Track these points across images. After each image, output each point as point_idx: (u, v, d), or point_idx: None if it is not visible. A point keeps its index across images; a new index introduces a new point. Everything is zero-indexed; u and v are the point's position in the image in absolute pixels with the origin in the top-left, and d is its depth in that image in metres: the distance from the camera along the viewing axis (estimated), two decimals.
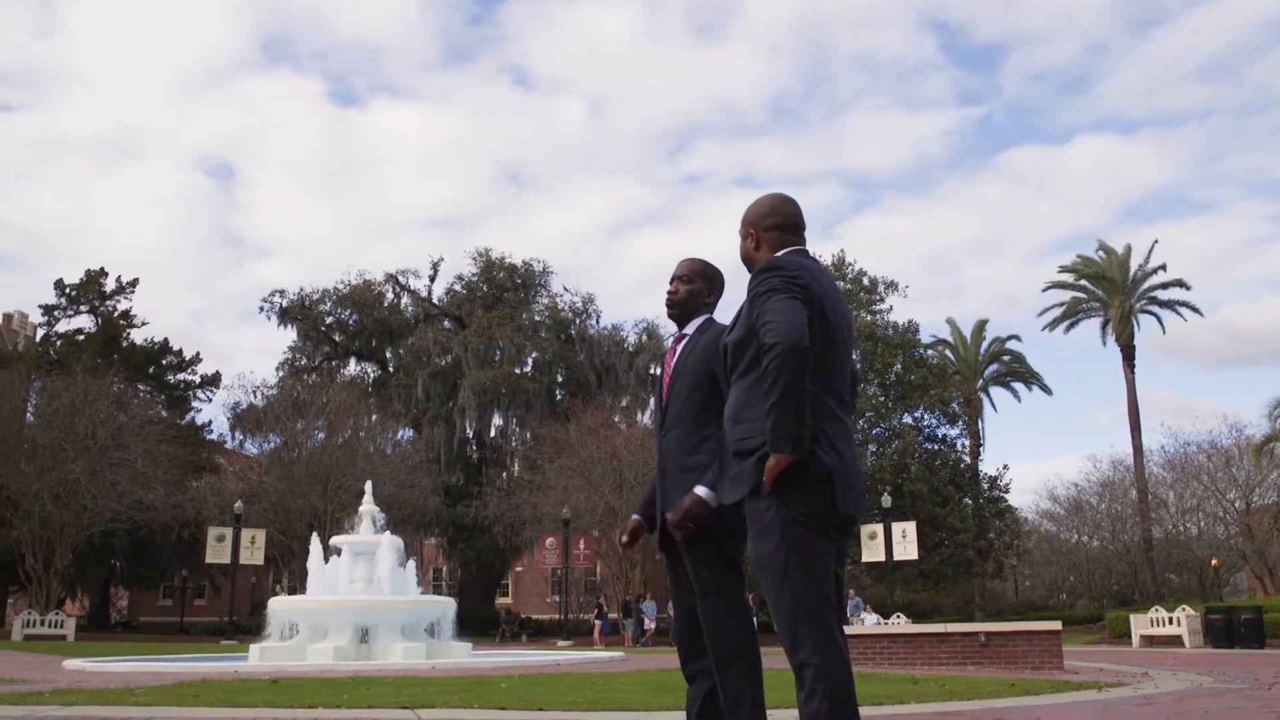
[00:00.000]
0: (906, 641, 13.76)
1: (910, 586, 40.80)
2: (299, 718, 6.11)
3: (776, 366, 2.99)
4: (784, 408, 2.99)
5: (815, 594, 3.05)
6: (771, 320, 3.08)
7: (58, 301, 43.86)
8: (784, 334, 3.02)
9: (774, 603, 3.08)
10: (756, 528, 3.16)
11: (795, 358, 2.99)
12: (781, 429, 3.00)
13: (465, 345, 45.69)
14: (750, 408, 3.23)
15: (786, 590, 3.05)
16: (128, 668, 13.93)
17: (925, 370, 41.87)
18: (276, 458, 41.06)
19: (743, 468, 3.20)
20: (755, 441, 3.16)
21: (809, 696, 2.97)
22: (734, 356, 3.37)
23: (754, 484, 3.14)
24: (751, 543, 3.20)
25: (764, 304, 3.15)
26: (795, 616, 3.03)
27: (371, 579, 17.51)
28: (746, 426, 3.22)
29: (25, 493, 34.01)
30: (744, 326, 3.31)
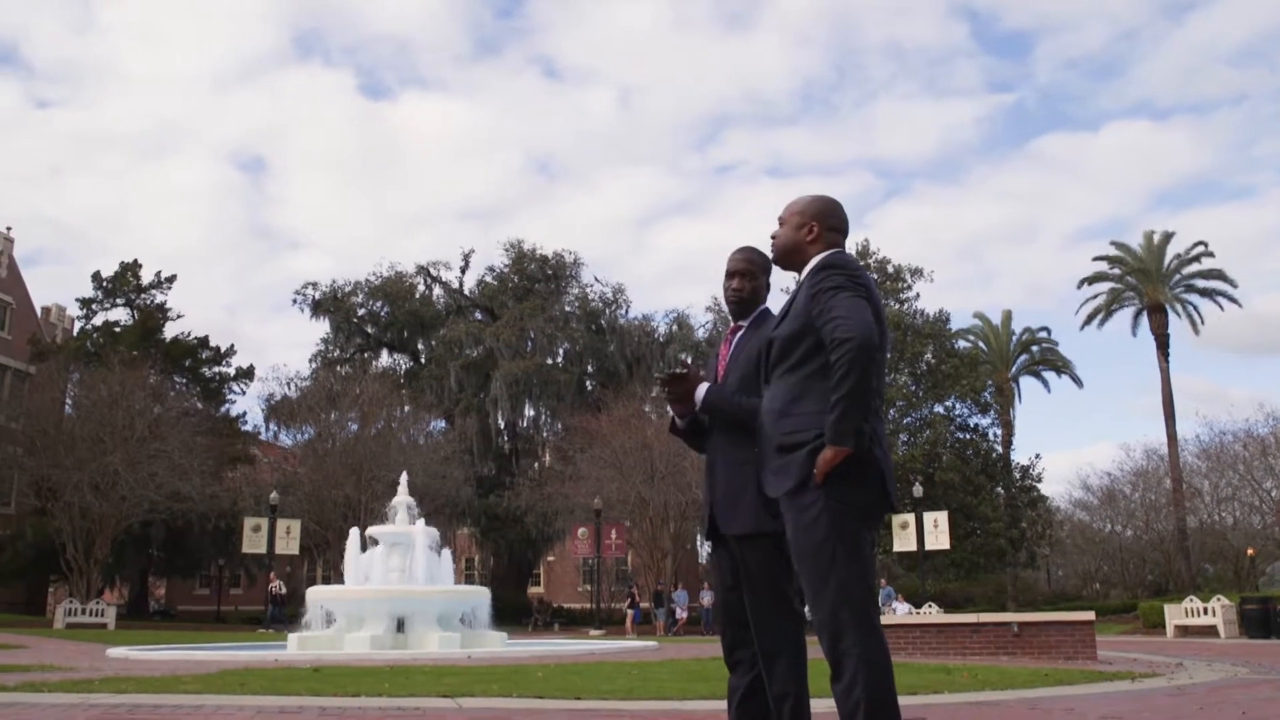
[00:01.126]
0: (939, 631, 13.77)
1: (942, 576, 40.66)
2: (344, 706, 6.24)
3: (848, 362, 3.05)
4: (851, 402, 3.05)
5: (860, 586, 3.13)
6: (841, 316, 3.13)
7: (94, 294, 44.39)
8: (855, 330, 3.08)
9: (816, 593, 3.14)
10: (804, 520, 3.18)
11: (866, 354, 3.07)
12: (847, 423, 3.06)
13: (497, 336, 45.92)
14: (802, 402, 3.26)
15: (832, 582, 3.10)
16: (170, 656, 14.17)
17: (956, 359, 41.62)
18: (310, 449, 41.47)
19: (790, 460, 3.23)
20: (806, 436, 3.20)
21: (849, 686, 3.03)
22: (782, 350, 3.38)
23: (802, 477, 3.18)
24: (795, 534, 3.23)
25: (829, 300, 3.19)
26: (839, 607, 3.08)
27: (407, 569, 17.70)
28: (796, 420, 3.25)
29: (65, 484, 34.56)
30: (797, 321, 3.33)
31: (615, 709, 6.30)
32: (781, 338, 3.40)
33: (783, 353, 3.38)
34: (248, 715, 5.69)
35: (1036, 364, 48.93)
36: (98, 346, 41.49)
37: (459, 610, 17.60)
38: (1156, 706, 6.61)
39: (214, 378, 45.61)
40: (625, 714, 6.00)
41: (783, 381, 3.37)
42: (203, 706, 6.11)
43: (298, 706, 6.17)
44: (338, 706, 6.20)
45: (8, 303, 45.30)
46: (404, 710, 6.07)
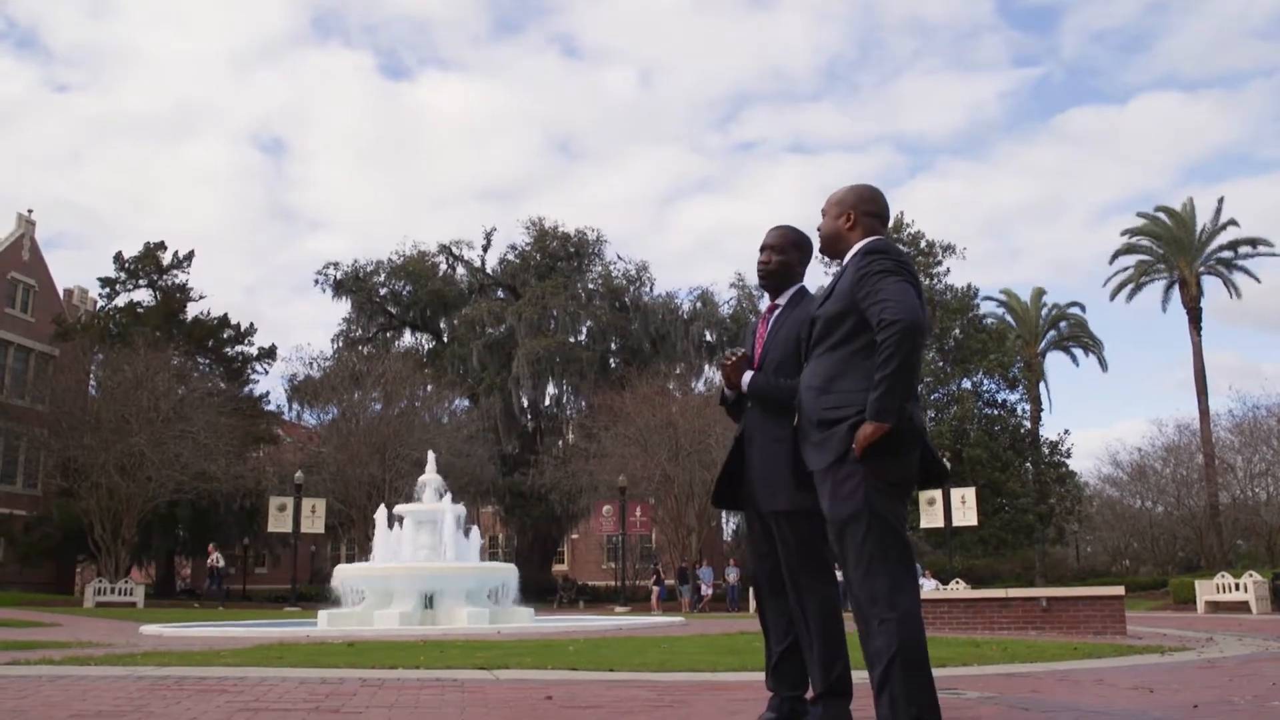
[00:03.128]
0: (968, 606, 13.80)
1: (969, 552, 40.62)
2: (384, 677, 6.33)
3: (896, 341, 3.16)
4: (897, 380, 3.16)
5: (893, 554, 3.24)
6: (890, 299, 3.23)
7: (117, 275, 44.64)
8: (904, 313, 3.19)
9: (852, 562, 3.25)
10: (841, 492, 3.29)
11: (914, 335, 3.18)
12: (891, 400, 3.17)
13: (519, 315, 46.00)
14: (843, 379, 3.37)
15: (866, 552, 3.21)
16: (203, 632, 14.37)
17: (984, 335, 41.39)
18: (334, 428, 41.71)
19: (830, 434, 3.33)
20: (847, 411, 3.30)
21: (881, 650, 3.13)
22: (825, 329, 3.48)
23: (842, 451, 3.28)
24: (831, 505, 3.34)
25: (877, 283, 3.30)
26: (872, 575, 3.19)
27: (435, 546, 17.87)
28: (837, 397, 3.36)
29: (92, 464, 34.96)
30: (841, 301, 3.43)
31: (650, 680, 6.37)
32: (825, 316, 3.50)
33: (826, 331, 3.48)
34: (291, 686, 5.77)
35: (1065, 340, 48.65)
36: (121, 327, 41.82)
37: (487, 587, 17.74)
38: (1186, 679, 6.63)
39: (236, 358, 45.91)
40: (660, 685, 6.07)
41: (824, 359, 3.47)
42: (246, 678, 6.21)
43: (339, 678, 6.25)
44: (378, 678, 6.28)
45: (30, 285, 45.74)
46: (443, 681, 6.15)
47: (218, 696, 5.20)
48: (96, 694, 5.34)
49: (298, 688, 5.66)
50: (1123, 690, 5.92)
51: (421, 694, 5.43)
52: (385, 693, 5.46)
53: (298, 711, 4.65)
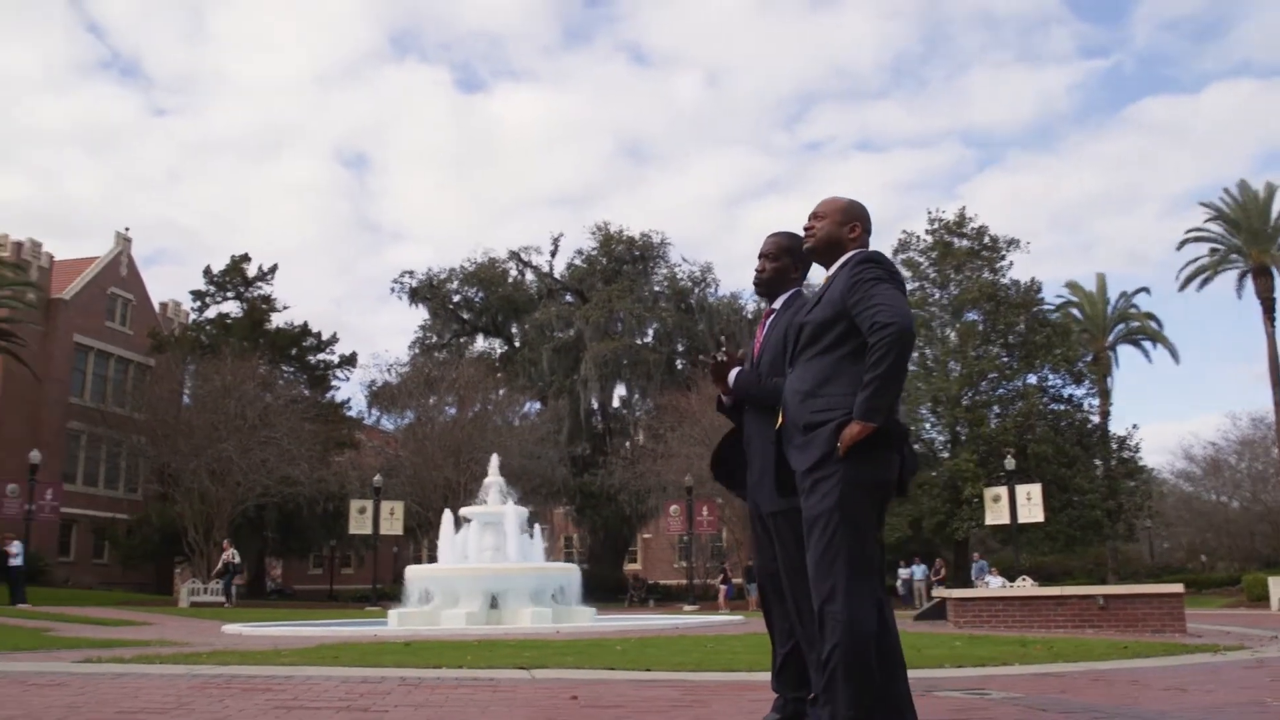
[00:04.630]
0: (1023, 604, 13.72)
1: (1037, 549, 39.93)
2: (423, 676, 6.61)
3: (887, 345, 3.26)
4: (886, 382, 3.26)
5: (859, 555, 3.30)
6: (882, 304, 3.34)
7: (206, 288, 46.15)
8: (897, 316, 3.30)
9: (815, 558, 3.34)
10: (818, 489, 3.36)
11: (906, 339, 3.29)
12: (879, 400, 3.27)
13: (586, 319, 46.43)
14: (831, 384, 3.45)
15: (831, 548, 3.29)
16: (279, 632, 14.90)
17: (1049, 329, 40.57)
18: (411, 433, 42.54)
19: (815, 435, 3.40)
20: (833, 415, 3.38)
21: (831, 648, 3.23)
22: (813, 334, 3.55)
23: (825, 452, 3.36)
24: (807, 502, 3.42)
25: (870, 289, 3.40)
26: (833, 573, 3.28)
27: (500, 547, 18.24)
28: (825, 400, 3.43)
29: (184, 470, 36.28)
30: (830, 308, 3.52)
31: (679, 679, 6.55)
32: (814, 323, 3.57)
33: (814, 337, 3.56)
34: (334, 684, 6.08)
35: (1134, 333, 47.51)
36: (211, 338, 43.21)
37: (550, 587, 18.05)
38: (1227, 679, 6.58)
39: (318, 365, 47.02)
40: (689, 684, 6.24)
41: (811, 364, 3.54)
42: (293, 676, 6.54)
43: (380, 677, 6.55)
44: (417, 677, 6.57)
45: (129, 299, 47.44)
46: (479, 680, 6.41)
47: (260, 695, 5.52)
48: (148, 691, 5.70)
49: (338, 686, 5.96)
50: (1154, 691, 5.93)
51: (453, 693, 5.68)
52: (419, 692, 5.72)
53: (328, 710, 4.93)
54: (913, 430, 40.66)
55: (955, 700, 5.35)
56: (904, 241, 43.08)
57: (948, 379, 40.09)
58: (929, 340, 41.94)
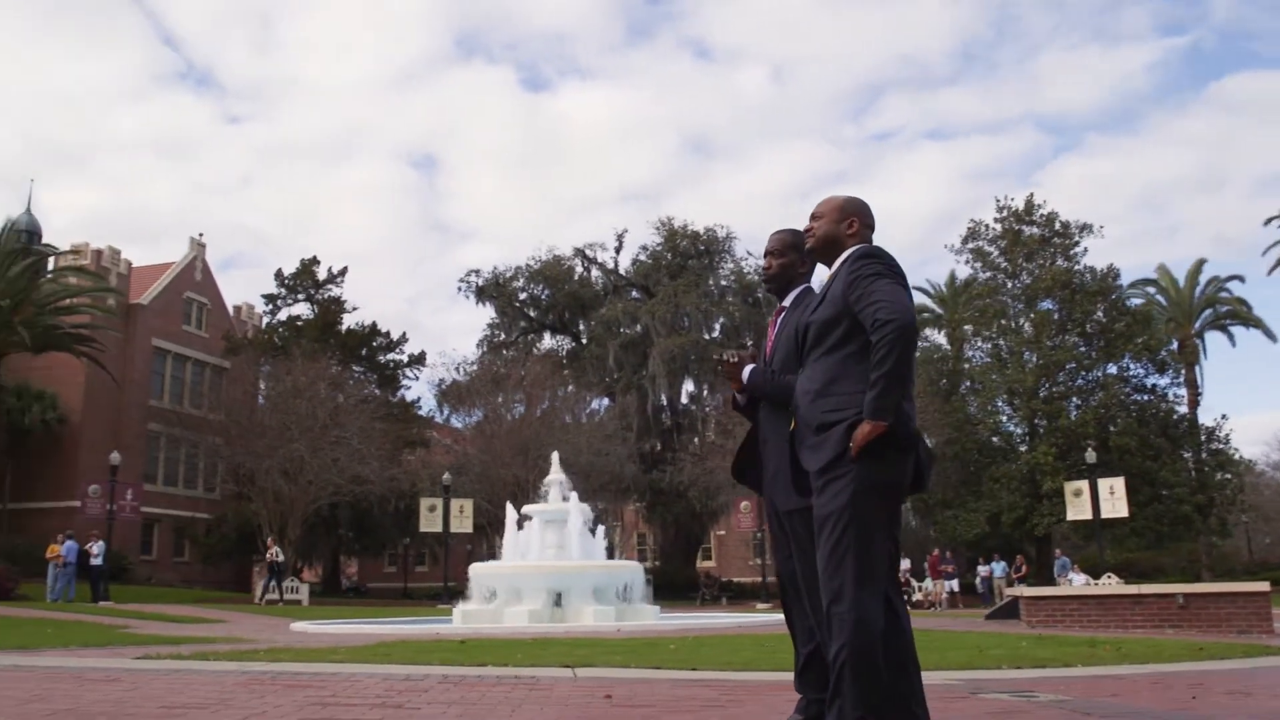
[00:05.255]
0: (1099, 603, 13.33)
1: (1123, 545, 38.91)
2: (466, 674, 6.61)
3: (890, 341, 3.21)
4: (892, 379, 3.21)
5: (868, 556, 3.26)
6: (883, 300, 3.28)
7: (278, 291, 47.04)
8: (898, 313, 3.24)
9: (825, 557, 3.29)
10: (831, 489, 3.32)
11: (908, 335, 3.23)
12: (887, 399, 3.21)
13: (653, 314, 46.38)
14: (840, 383, 3.40)
15: (841, 549, 3.25)
16: (344, 629, 15.08)
17: (1130, 317, 39.43)
18: (479, 430, 42.90)
19: (827, 436, 3.36)
20: (844, 414, 3.33)
21: (839, 647, 3.21)
22: (819, 334, 3.52)
23: (838, 451, 3.31)
24: (819, 502, 3.38)
25: (870, 285, 3.35)
26: (843, 572, 3.24)
27: (563, 545, 18.26)
28: (835, 400, 3.39)
29: (258, 470, 36.98)
30: (833, 306, 3.48)
31: (722, 679, 6.46)
32: (818, 322, 3.54)
33: (819, 337, 3.52)
34: (376, 681, 6.10)
35: (1223, 318, 45.99)
36: (283, 340, 44.02)
37: (614, 584, 18.02)
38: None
39: (388, 365, 47.65)
40: (729, 684, 6.16)
41: (819, 364, 3.50)
42: (339, 674, 6.58)
43: (424, 674, 6.56)
44: (460, 675, 6.57)
45: (203, 303, 48.62)
46: (520, 679, 6.38)
47: (300, 692, 5.55)
48: (195, 687, 5.76)
49: (379, 684, 5.98)
50: (1215, 695, 5.71)
51: (490, 691, 5.66)
52: (457, 690, 5.71)
53: (363, 706, 4.93)
54: (989, 423, 40.43)
55: (998, 702, 5.20)
56: (972, 230, 42.28)
57: (1023, 370, 39.24)
58: (1002, 331, 41.11)
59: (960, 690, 5.78)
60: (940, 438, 40.80)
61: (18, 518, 38.86)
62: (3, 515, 39.02)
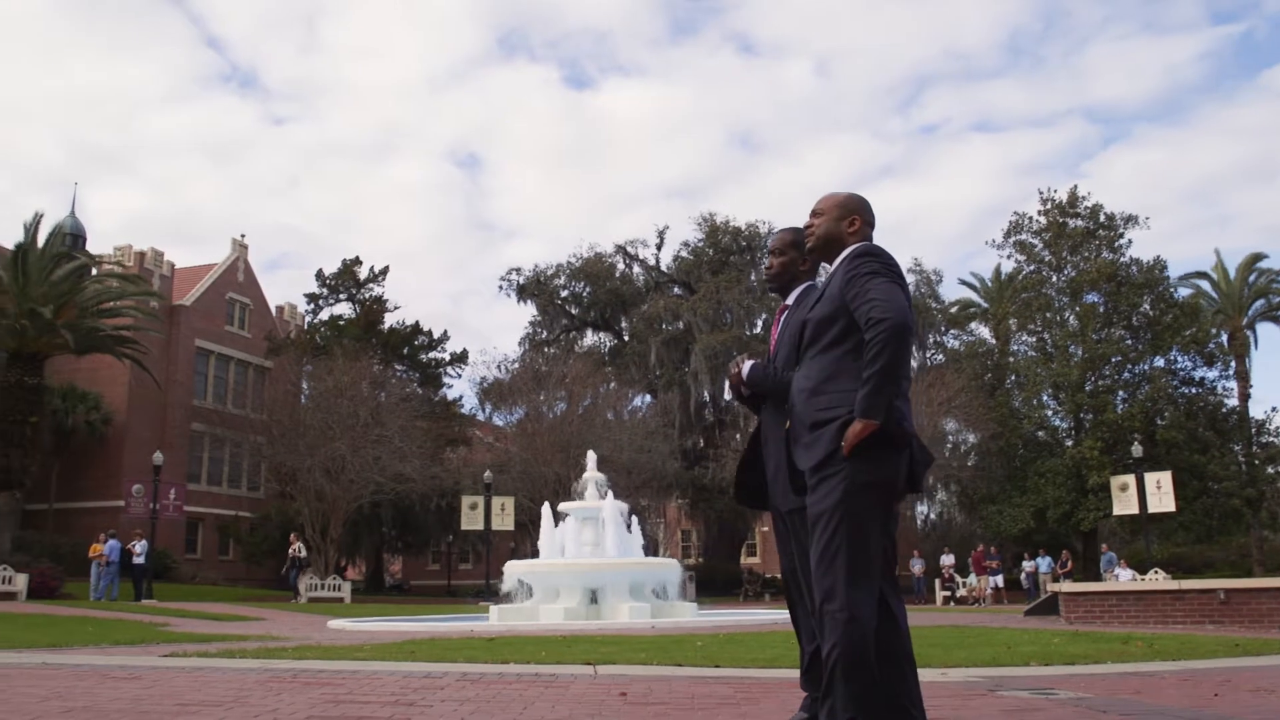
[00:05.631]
0: (1138, 599, 13.13)
1: (1171, 540, 38.28)
2: (485, 672, 6.62)
3: (883, 340, 3.18)
4: (884, 378, 3.18)
5: (861, 555, 3.22)
6: (878, 299, 3.26)
7: (319, 291, 47.53)
8: (892, 311, 3.21)
9: (818, 555, 3.27)
10: (823, 488, 3.30)
11: (901, 334, 3.20)
12: (878, 397, 3.18)
13: (694, 310, 46.31)
14: (835, 381, 3.38)
15: (833, 547, 3.22)
16: (379, 627, 15.19)
17: (1177, 309, 38.75)
18: (521, 428, 43.04)
19: (821, 434, 3.34)
20: (838, 412, 3.31)
21: (830, 646, 3.18)
22: (815, 331, 3.50)
23: (831, 450, 3.29)
24: (812, 501, 3.35)
25: (865, 284, 3.33)
26: (833, 570, 3.21)
27: (598, 542, 18.26)
28: (829, 398, 3.37)
29: (300, 469, 37.35)
30: (831, 304, 3.46)
31: (741, 676, 6.43)
32: (815, 320, 3.53)
33: (816, 334, 3.50)
34: (395, 679, 6.12)
35: (1275, 309, 45.05)
36: (325, 340, 44.44)
37: (650, 582, 18.00)
38: None
39: (430, 363, 47.98)
40: (746, 681, 6.12)
41: (815, 362, 3.49)
42: (359, 671, 6.62)
43: (443, 672, 6.58)
44: (479, 672, 6.58)
45: (246, 304, 49.21)
46: (540, 676, 6.39)
47: (317, 689, 5.58)
48: (215, 685, 5.82)
49: (397, 681, 6.00)
50: (1240, 693, 5.60)
51: (506, 689, 5.66)
52: (473, 688, 5.72)
53: (375, 704, 4.96)
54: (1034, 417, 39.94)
55: (1015, 700, 5.13)
56: (1015, 224, 41.76)
57: (1069, 364, 38.72)
58: (1047, 325, 40.59)
59: (980, 688, 5.71)
60: (985, 432, 40.39)
61: (64, 517, 39.63)
62: (49, 515, 39.81)
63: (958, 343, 47.48)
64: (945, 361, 44.85)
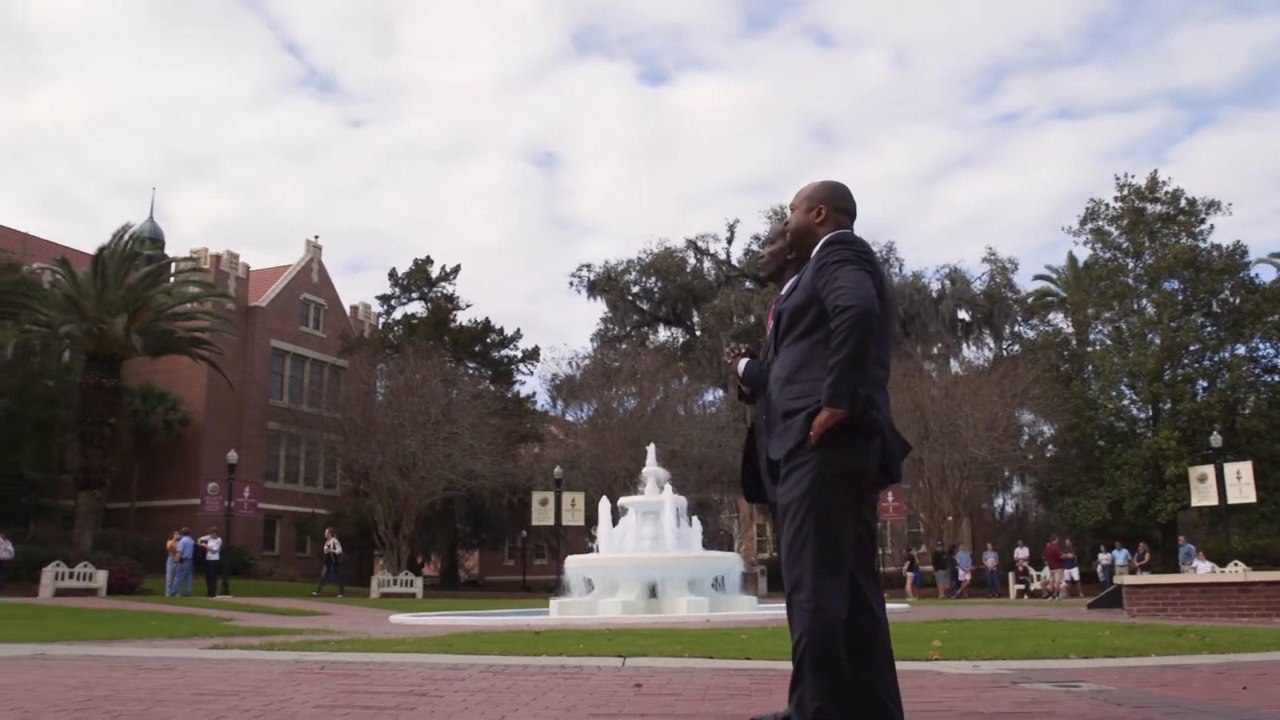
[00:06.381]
0: (1202, 591, 12.73)
1: (1253, 532, 37.02)
2: (511, 664, 6.66)
3: (848, 327, 3.15)
4: (849, 366, 3.15)
5: (830, 545, 3.19)
6: (844, 286, 3.23)
7: (392, 291, 48.26)
8: (857, 299, 3.18)
9: (786, 546, 3.25)
10: (792, 478, 3.29)
11: (866, 321, 3.16)
12: (843, 385, 3.15)
13: (765, 304, 46.02)
14: (807, 369, 3.36)
15: (801, 537, 3.20)
16: (438, 621, 15.36)
17: (1259, 295, 37.52)
18: (592, 424, 43.28)
19: (791, 424, 3.33)
20: (807, 401, 3.29)
21: (799, 637, 3.17)
22: (790, 321, 3.49)
23: (800, 439, 3.27)
24: (782, 491, 3.34)
25: (834, 272, 3.30)
26: (803, 562, 3.19)
27: (658, 536, 18.27)
28: (800, 387, 3.35)
29: (372, 466, 38.00)
30: (804, 293, 3.44)
31: (766, 668, 6.38)
32: (789, 309, 3.52)
33: (790, 323, 3.49)
34: (418, 670, 6.19)
35: None
36: (398, 339, 45.13)
37: (709, 575, 17.98)
38: None
39: (502, 360, 48.43)
40: (770, 673, 6.07)
41: (790, 351, 3.48)
42: (388, 663, 6.71)
43: (470, 664, 6.63)
44: (505, 664, 6.62)
45: (320, 304, 50.18)
46: (565, 668, 6.41)
47: (338, 680, 5.67)
48: (242, 675, 5.94)
49: (419, 673, 6.07)
50: (1274, 686, 5.43)
51: (524, 680, 5.68)
52: (492, 679, 5.75)
53: (388, 694, 5.02)
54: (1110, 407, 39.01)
55: (1034, 692, 5.02)
56: (1091, 211, 40.79)
57: (1145, 352, 37.74)
58: (1124, 313, 39.65)
59: (1003, 680, 5.59)
60: (1062, 424, 39.60)
61: (144, 515, 40.85)
62: (131, 513, 41.07)
63: (1034, 333, 46.60)
64: (1021, 352, 44.07)
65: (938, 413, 35.41)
